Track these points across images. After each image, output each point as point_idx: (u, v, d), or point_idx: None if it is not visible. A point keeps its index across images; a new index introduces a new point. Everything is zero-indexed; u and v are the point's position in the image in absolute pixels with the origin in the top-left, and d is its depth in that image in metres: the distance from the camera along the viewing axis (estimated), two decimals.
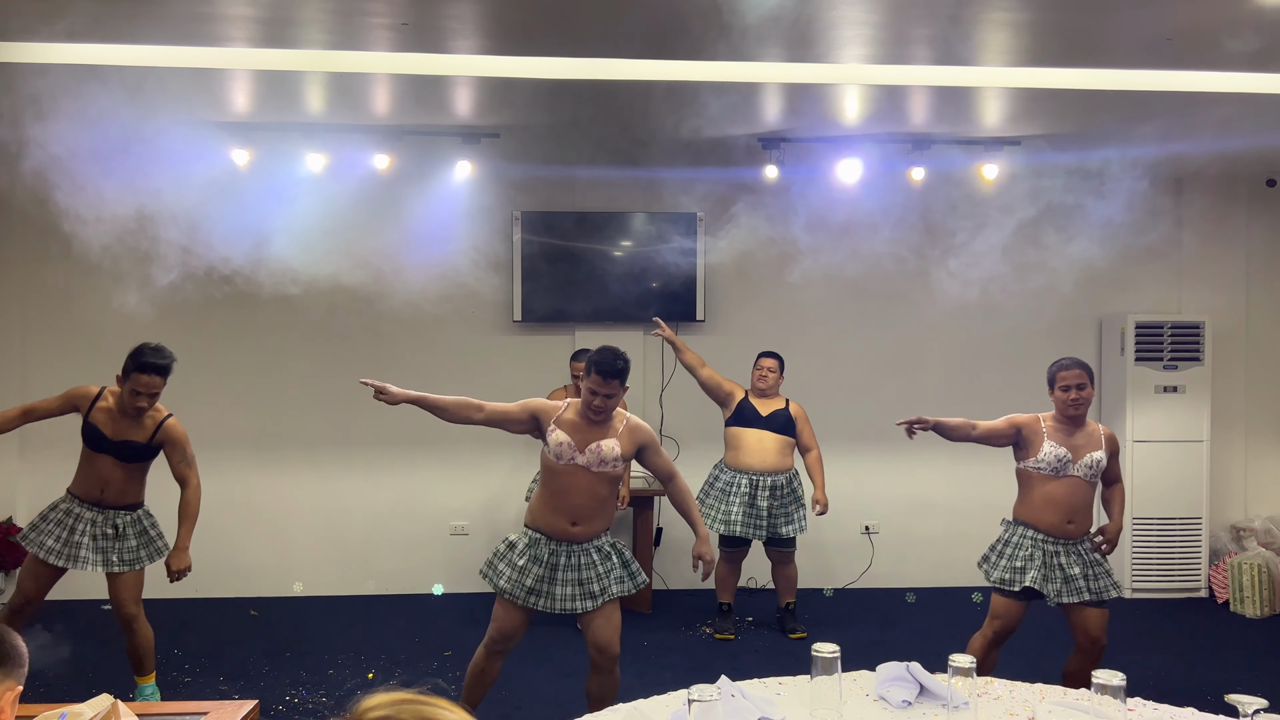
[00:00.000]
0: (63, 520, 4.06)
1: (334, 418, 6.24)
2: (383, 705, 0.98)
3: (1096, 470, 3.99)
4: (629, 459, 3.65)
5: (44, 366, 5.97)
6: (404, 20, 3.68)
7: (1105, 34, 3.80)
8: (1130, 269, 6.50)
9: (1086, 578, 3.98)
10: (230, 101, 4.76)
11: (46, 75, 4.09)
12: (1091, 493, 4.02)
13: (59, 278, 6.02)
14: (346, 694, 4.49)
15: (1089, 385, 3.97)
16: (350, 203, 5.76)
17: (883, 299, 6.41)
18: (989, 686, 2.74)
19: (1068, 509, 3.97)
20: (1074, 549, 3.99)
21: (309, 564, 6.25)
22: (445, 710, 1.02)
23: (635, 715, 2.39)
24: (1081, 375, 3.98)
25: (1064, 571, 3.96)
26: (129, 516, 4.15)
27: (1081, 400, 3.96)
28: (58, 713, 2.14)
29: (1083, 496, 3.99)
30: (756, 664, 4.88)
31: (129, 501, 4.16)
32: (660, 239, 6.25)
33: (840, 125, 5.23)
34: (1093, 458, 3.97)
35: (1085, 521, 4.03)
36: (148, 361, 3.95)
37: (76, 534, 4.04)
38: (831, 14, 3.63)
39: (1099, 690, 2.26)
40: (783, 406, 5.46)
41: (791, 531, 5.36)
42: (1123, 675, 2.25)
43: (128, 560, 4.11)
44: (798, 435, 5.44)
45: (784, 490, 5.36)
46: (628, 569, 3.72)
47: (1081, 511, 4.00)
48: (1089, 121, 5.08)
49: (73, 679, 4.52)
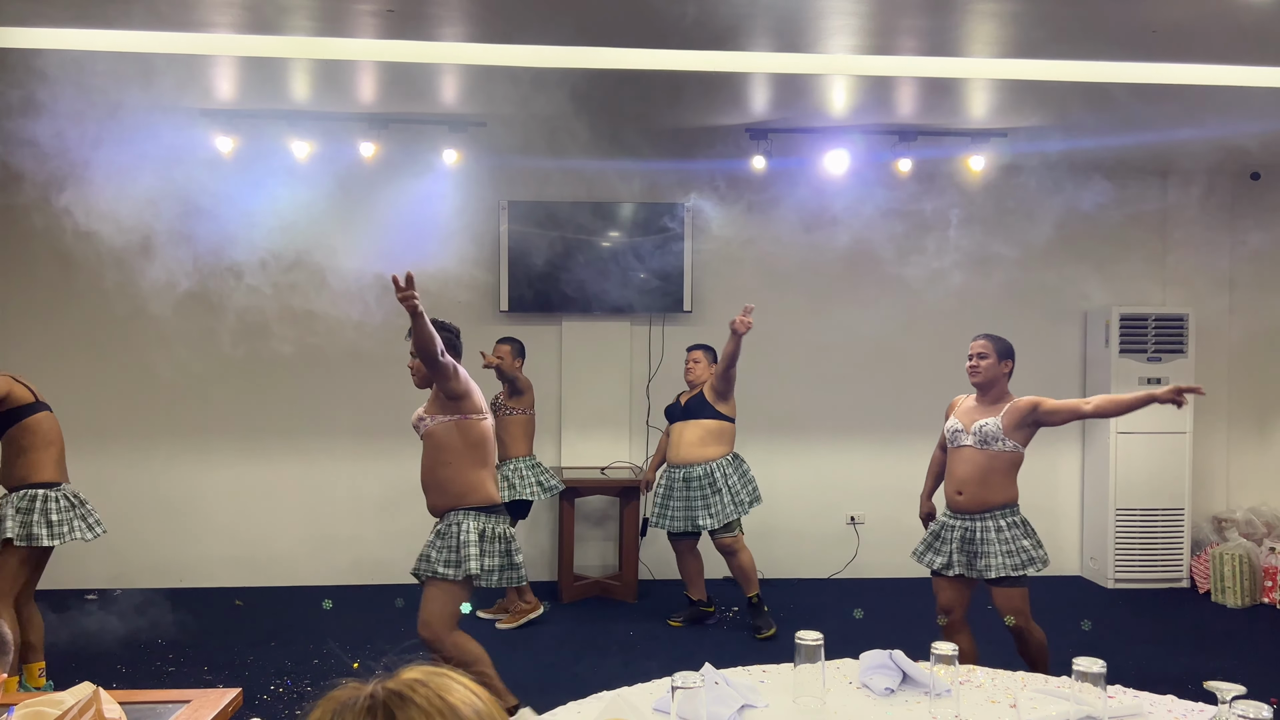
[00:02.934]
0: None
1: (319, 407, 6.23)
2: (419, 673, 1.03)
3: (986, 437, 3.91)
4: (427, 416, 3.75)
5: (28, 354, 5.93)
6: (390, 7, 3.66)
7: (1090, 25, 3.81)
8: (1115, 261, 6.54)
9: (967, 554, 3.94)
10: (215, 88, 4.73)
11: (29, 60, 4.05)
12: (989, 462, 3.91)
13: (41, 267, 5.98)
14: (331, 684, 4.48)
15: (990, 354, 3.99)
16: (336, 191, 5.73)
17: (869, 290, 6.43)
18: (971, 674, 2.75)
19: (956, 480, 3.99)
20: (970, 521, 3.94)
21: (294, 553, 6.24)
22: (456, 683, 1.05)
23: (619, 702, 2.39)
24: (982, 345, 4.03)
25: (953, 545, 3.97)
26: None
27: (978, 369, 4.00)
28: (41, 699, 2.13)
29: (971, 467, 3.94)
30: (742, 653, 4.90)
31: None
32: (647, 229, 6.25)
33: (828, 116, 5.24)
34: (980, 424, 3.94)
35: (978, 493, 3.92)
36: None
37: None
38: (819, 4, 3.63)
39: (1079, 677, 2.28)
40: (700, 390, 5.38)
41: (709, 522, 5.20)
42: (1103, 662, 2.27)
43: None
44: (711, 396, 5.29)
45: (701, 481, 5.27)
46: (455, 554, 3.64)
47: (971, 482, 3.93)
48: (1075, 114, 5.10)
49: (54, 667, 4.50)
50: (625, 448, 6.40)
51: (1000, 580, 3.90)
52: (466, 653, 3.62)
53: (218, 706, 2.42)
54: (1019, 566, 3.88)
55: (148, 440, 6.16)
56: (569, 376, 6.39)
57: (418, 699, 1.00)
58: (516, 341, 5.61)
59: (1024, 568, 3.88)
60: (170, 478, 6.18)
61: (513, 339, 5.62)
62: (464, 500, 3.69)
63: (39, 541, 3.91)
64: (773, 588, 6.24)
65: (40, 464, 4.00)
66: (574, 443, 6.39)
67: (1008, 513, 3.95)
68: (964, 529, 3.98)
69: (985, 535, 3.91)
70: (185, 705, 2.43)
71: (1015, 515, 3.97)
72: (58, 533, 3.96)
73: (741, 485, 5.31)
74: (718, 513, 5.21)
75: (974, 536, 3.95)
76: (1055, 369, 6.60)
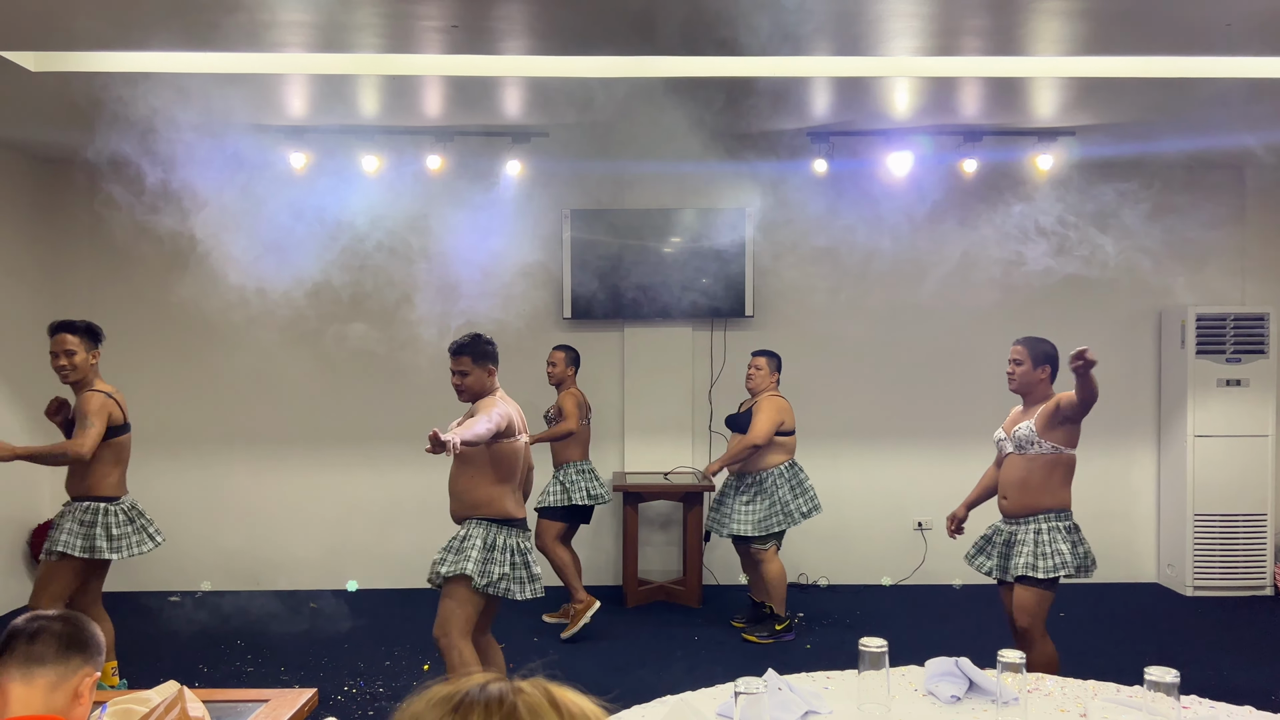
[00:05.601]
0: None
1: (389, 413, 6.36)
2: (533, 684, 1.05)
3: (1022, 441, 3.88)
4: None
5: (109, 364, 6.16)
6: (454, 23, 3.74)
7: (1163, 20, 3.73)
8: (1191, 260, 6.35)
9: (1005, 556, 3.93)
10: (288, 105, 4.88)
11: (115, 83, 4.22)
12: (1028, 465, 3.88)
13: (126, 279, 6.22)
14: (403, 685, 4.59)
15: (1025, 360, 3.93)
16: (404, 203, 5.86)
17: (934, 292, 6.34)
18: (1040, 683, 2.72)
19: (1002, 486, 3.99)
20: (1015, 526, 3.93)
21: (365, 558, 6.38)
22: (569, 691, 1.08)
23: (682, 707, 2.41)
24: (1017, 350, 3.97)
25: (997, 550, 3.98)
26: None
27: (1013, 375, 3.95)
28: (129, 697, 2.23)
29: (1013, 471, 3.92)
30: (806, 660, 4.88)
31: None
32: (709, 234, 6.26)
33: (890, 118, 5.20)
34: (1017, 429, 3.92)
35: (1021, 497, 3.90)
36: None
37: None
38: (880, 6, 3.61)
39: (1151, 687, 2.23)
40: (750, 407, 5.38)
41: (746, 528, 5.20)
42: (1175, 672, 2.22)
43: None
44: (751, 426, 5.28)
45: (751, 489, 5.27)
46: (457, 554, 3.71)
47: (1013, 486, 3.92)
48: (1146, 110, 4.98)
49: (139, 666, 4.67)
50: (688, 453, 6.42)
51: (1020, 579, 3.86)
52: (466, 663, 3.66)
53: (295, 706, 2.50)
54: (1050, 570, 3.81)
55: (227, 447, 6.36)
56: (631, 382, 6.43)
57: (527, 697, 1.03)
58: (571, 350, 5.67)
59: (1054, 571, 3.81)
60: (249, 483, 6.36)
61: (568, 347, 5.68)
62: (477, 510, 3.77)
63: (100, 554, 4.06)
64: (839, 593, 6.21)
65: (107, 479, 4.15)
66: (637, 448, 6.43)
67: (1052, 517, 3.88)
68: (1009, 533, 3.97)
69: (1024, 538, 3.89)
70: (264, 704, 2.52)
71: (1061, 521, 3.89)
72: (116, 546, 4.10)
73: (793, 495, 5.26)
74: (758, 520, 5.20)
75: (1014, 539, 3.93)
76: (1129, 372, 6.44)
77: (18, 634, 1.88)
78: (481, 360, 3.80)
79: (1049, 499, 3.89)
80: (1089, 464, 5.35)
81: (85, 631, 1.93)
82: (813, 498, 5.33)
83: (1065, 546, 3.84)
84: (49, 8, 3.53)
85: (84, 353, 4.07)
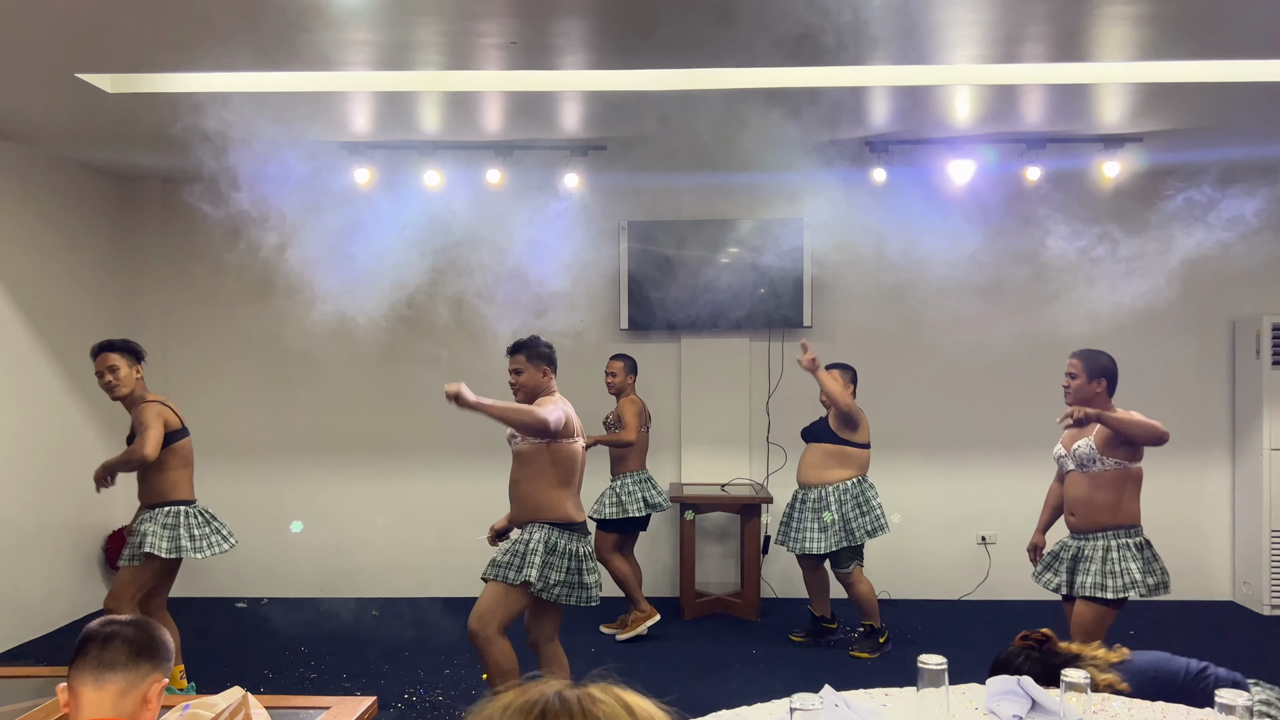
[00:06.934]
0: None
1: (449, 425, 6.42)
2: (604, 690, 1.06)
3: (1082, 459, 3.82)
4: (519, 435, 3.82)
5: (184, 378, 6.35)
6: (513, 39, 3.80)
7: (1232, 23, 3.63)
8: (1266, 268, 6.15)
9: (1071, 571, 3.85)
10: (352, 122, 4.99)
11: (188, 104, 4.36)
12: (1092, 483, 3.82)
13: (198, 294, 6.40)
14: (462, 693, 4.64)
15: (1080, 374, 3.87)
16: (464, 217, 5.94)
17: (998, 301, 6.23)
18: (1106, 703, 2.65)
19: (1068, 502, 3.93)
20: (1084, 541, 3.86)
21: (426, 566, 6.46)
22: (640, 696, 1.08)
23: None
24: (1073, 363, 3.91)
25: (1065, 565, 3.90)
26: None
27: (1069, 389, 3.89)
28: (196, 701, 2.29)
29: (1078, 489, 3.86)
30: (865, 675, 4.82)
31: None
32: (766, 245, 6.24)
33: (950, 126, 5.13)
34: (1076, 447, 3.85)
35: (1088, 515, 3.84)
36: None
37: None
38: (940, 15, 3.58)
39: (1223, 711, 2.16)
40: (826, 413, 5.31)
41: (814, 546, 5.13)
42: (1248, 694, 2.15)
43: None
44: (834, 422, 5.21)
45: (816, 504, 5.19)
46: (521, 558, 3.75)
47: (1080, 504, 3.85)
48: (1216, 115, 4.85)
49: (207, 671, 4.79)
50: (746, 465, 6.39)
51: (1091, 599, 3.78)
52: (504, 659, 3.71)
53: (355, 713, 2.54)
54: (1119, 590, 3.73)
55: (294, 457, 6.50)
56: (688, 394, 6.42)
57: (604, 705, 1.03)
58: (629, 359, 5.70)
59: (1123, 591, 3.73)
60: (314, 493, 6.49)
61: (625, 355, 5.71)
62: (540, 514, 3.80)
63: (186, 554, 4.24)
64: (901, 608, 6.12)
65: (180, 483, 4.33)
66: (694, 459, 6.42)
67: (1122, 533, 3.81)
68: (1077, 548, 3.89)
69: (1093, 554, 3.81)
70: (325, 711, 2.56)
71: (1132, 537, 3.81)
72: (199, 546, 4.28)
73: (858, 513, 5.16)
74: (825, 539, 5.13)
75: (1082, 554, 3.85)
76: (1201, 383, 6.26)
77: (91, 639, 1.94)
78: (536, 360, 3.85)
79: (1118, 515, 3.81)
80: (1159, 477, 5.20)
81: (156, 638, 1.98)
82: (878, 516, 5.22)
83: (1135, 565, 3.75)
84: (128, 32, 3.66)
85: (127, 368, 4.22)
